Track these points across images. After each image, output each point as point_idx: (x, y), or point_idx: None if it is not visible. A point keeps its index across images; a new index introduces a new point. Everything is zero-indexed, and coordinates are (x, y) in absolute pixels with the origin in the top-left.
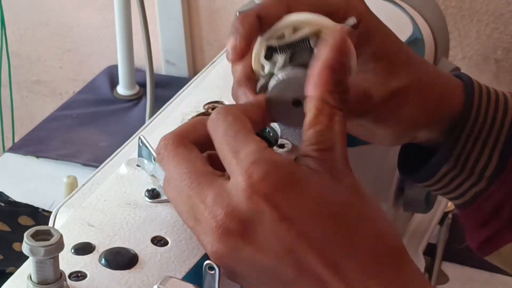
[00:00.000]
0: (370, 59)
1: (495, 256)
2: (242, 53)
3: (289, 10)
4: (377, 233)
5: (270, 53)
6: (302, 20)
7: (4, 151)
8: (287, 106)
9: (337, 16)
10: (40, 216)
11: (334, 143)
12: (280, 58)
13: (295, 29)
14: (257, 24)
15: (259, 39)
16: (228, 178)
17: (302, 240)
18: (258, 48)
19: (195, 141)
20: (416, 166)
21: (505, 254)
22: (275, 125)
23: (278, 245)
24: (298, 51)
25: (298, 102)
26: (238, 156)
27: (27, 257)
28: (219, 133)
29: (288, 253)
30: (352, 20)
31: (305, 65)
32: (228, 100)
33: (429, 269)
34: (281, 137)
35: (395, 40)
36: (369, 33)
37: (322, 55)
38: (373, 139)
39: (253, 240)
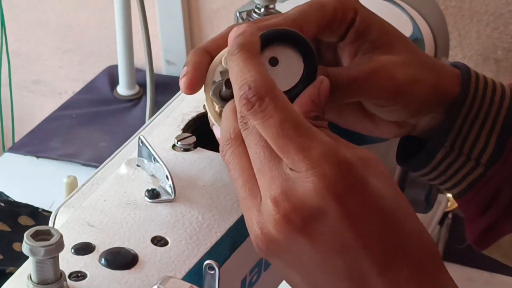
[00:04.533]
0: (371, 48)
1: (495, 249)
2: (193, 85)
3: (301, 31)
4: (418, 229)
5: (217, 89)
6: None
7: (4, 151)
8: None
9: (336, 18)
10: (40, 216)
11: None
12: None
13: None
14: (207, 57)
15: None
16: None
17: (359, 238)
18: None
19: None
20: (414, 156)
21: (504, 245)
22: None
23: (335, 241)
24: None
25: None
26: (310, 154)
27: (27, 257)
28: (274, 126)
29: (343, 249)
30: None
31: None
32: None
33: None
34: None
35: (392, 29)
36: (366, 25)
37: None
38: (378, 131)
39: (310, 234)
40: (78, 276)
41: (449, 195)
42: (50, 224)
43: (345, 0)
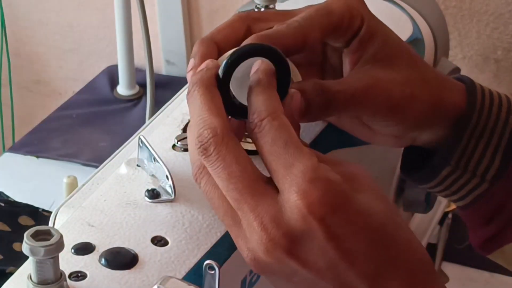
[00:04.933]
0: (371, 60)
1: (498, 255)
2: None
3: (305, 40)
4: (409, 243)
5: None
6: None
7: (4, 151)
8: None
9: (342, 25)
10: (40, 216)
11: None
12: None
13: None
14: (214, 49)
15: None
16: (277, 188)
17: (346, 256)
18: None
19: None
20: (418, 168)
21: (508, 252)
22: None
23: (323, 261)
24: None
25: None
26: (292, 171)
27: (27, 257)
28: (267, 142)
29: (331, 268)
30: None
31: None
32: None
33: None
34: None
35: (396, 41)
36: (370, 36)
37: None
38: (375, 139)
39: (298, 256)
40: (78, 276)
41: None
42: (50, 224)
43: (353, 7)
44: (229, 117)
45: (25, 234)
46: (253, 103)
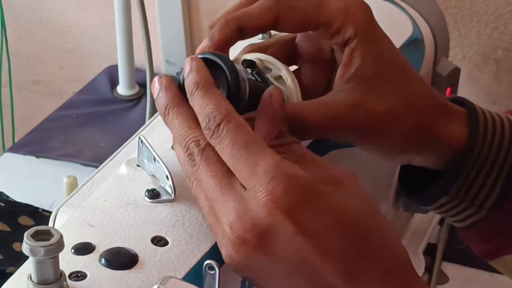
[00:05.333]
0: (358, 78)
1: (499, 263)
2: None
3: (277, 21)
4: (388, 245)
5: None
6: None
7: (4, 151)
8: None
9: (331, 29)
10: (40, 216)
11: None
12: None
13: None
14: (235, 36)
15: None
16: (244, 186)
17: (317, 252)
18: None
19: None
20: (416, 186)
21: (507, 262)
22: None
23: (293, 257)
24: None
25: None
26: (256, 170)
27: (27, 257)
28: (227, 147)
29: (302, 265)
30: None
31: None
32: None
33: (429, 269)
34: None
35: (389, 60)
36: (362, 49)
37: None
38: (371, 153)
39: (268, 251)
40: (78, 276)
41: None
42: (50, 224)
43: (350, 14)
44: None
45: (25, 234)
46: (202, 108)
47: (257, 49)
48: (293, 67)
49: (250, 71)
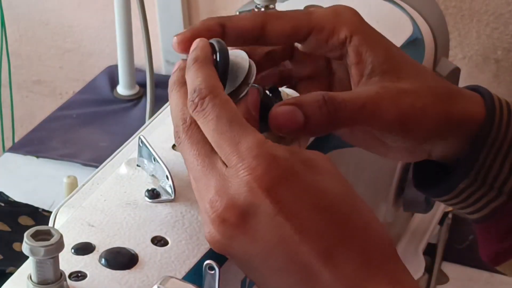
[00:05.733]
0: (377, 73)
1: (507, 267)
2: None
3: (264, 29)
4: (366, 225)
5: None
6: None
7: (4, 151)
8: None
9: (323, 32)
10: (40, 216)
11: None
12: None
13: None
14: (216, 29)
15: None
16: (225, 164)
17: (296, 232)
18: None
19: None
20: (431, 181)
21: None
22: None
23: (273, 236)
24: None
25: None
26: (238, 149)
27: (27, 257)
28: (210, 122)
29: (281, 244)
30: None
31: None
32: None
33: (429, 269)
34: None
35: (399, 54)
36: (369, 47)
37: None
38: (389, 154)
39: (247, 231)
40: (78, 276)
41: None
42: (50, 224)
43: (341, 17)
44: None
45: (25, 234)
46: (192, 81)
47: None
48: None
49: (270, 94)
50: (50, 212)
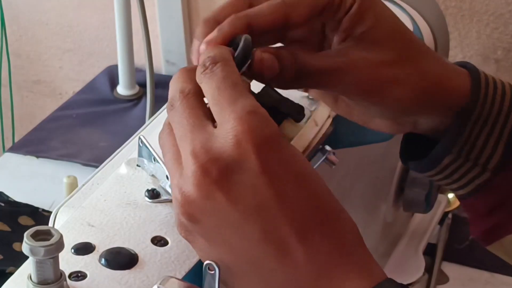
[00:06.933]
0: (356, 39)
1: (498, 247)
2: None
3: (286, 18)
4: (340, 212)
5: None
6: None
7: (4, 151)
8: None
9: (334, 4)
10: (40, 216)
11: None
12: None
13: None
14: (244, 32)
15: None
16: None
17: (277, 198)
18: None
19: None
20: (419, 156)
21: (507, 244)
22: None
23: (252, 198)
24: None
25: None
26: (235, 103)
27: (27, 257)
28: (216, 80)
29: (259, 210)
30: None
31: None
32: None
33: (429, 269)
34: None
35: (391, 24)
36: (361, 16)
37: None
38: (371, 124)
39: (228, 189)
40: (78, 276)
41: (450, 195)
42: (50, 224)
43: None
44: None
45: (25, 234)
46: (208, 53)
47: (244, 18)
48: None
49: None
50: (50, 212)
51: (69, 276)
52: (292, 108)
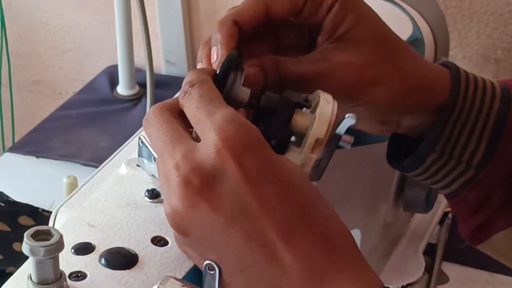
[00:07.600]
0: (337, 39)
1: (487, 245)
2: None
3: (268, 11)
4: (330, 215)
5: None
6: None
7: (4, 151)
8: None
9: (316, 2)
10: (40, 216)
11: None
12: None
13: None
14: (235, 30)
15: None
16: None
17: (260, 203)
18: None
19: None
20: (404, 156)
21: (496, 242)
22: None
23: (235, 205)
24: None
25: None
26: (213, 116)
27: (27, 257)
28: (194, 100)
29: (242, 214)
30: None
31: None
32: None
33: (429, 269)
34: None
35: (372, 23)
36: (343, 15)
37: None
38: (359, 123)
39: (211, 198)
40: (78, 276)
41: None
42: (50, 224)
43: None
44: None
45: (25, 234)
46: (187, 76)
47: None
48: None
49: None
50: (50, 212)
51: (69, 276)
52: (297, 97)
